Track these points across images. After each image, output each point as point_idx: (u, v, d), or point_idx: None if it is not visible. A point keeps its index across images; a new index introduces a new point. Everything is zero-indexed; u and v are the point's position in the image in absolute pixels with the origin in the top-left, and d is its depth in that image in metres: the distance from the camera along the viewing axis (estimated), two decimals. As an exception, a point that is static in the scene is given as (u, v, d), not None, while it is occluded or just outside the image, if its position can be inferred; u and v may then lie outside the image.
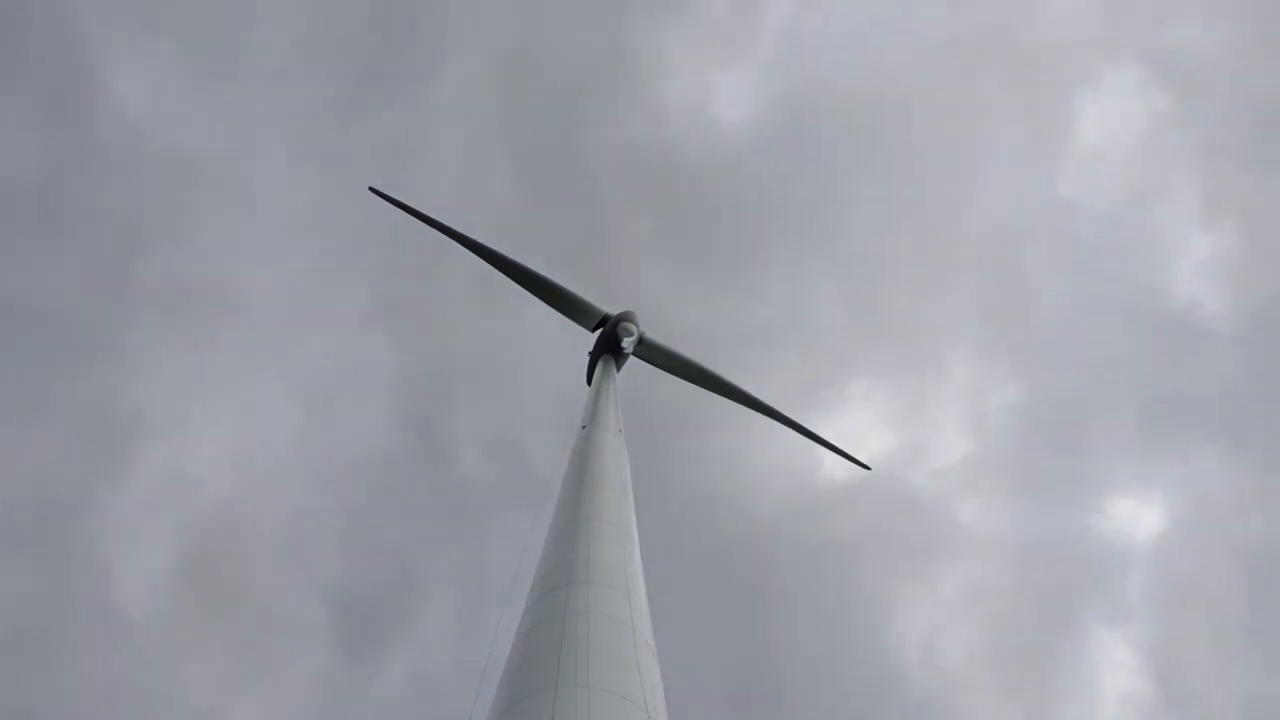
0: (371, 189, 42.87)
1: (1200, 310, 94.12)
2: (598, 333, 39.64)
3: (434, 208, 43.26)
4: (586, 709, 12.95)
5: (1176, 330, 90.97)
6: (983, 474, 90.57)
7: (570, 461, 25.24)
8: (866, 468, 44.56)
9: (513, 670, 14.73)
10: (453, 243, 42.37)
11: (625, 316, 39.60)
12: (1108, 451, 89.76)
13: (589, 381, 37.10)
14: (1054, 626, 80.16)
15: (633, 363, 39.79)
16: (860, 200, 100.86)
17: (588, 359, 39.09)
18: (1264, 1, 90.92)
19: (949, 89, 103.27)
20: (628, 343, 38.23)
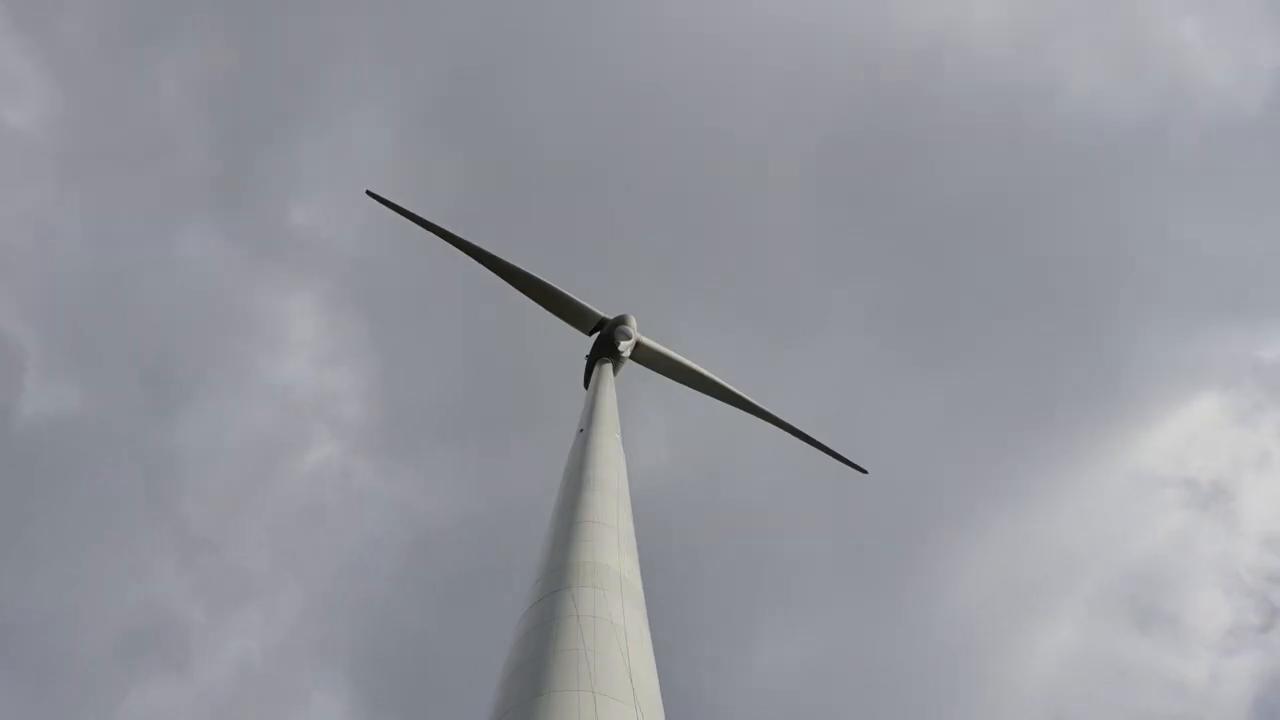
0: (369, 193, 42.75)
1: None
2: (594, 336, 39.65)
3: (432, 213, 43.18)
4: (584, 714, 12.92)
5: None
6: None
7: (568, 464, 25.19)
8: (864, 471, 44.56)
9: (510, 673, 14.62)
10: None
11: (622, 320, 39.60)
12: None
13: (586, 385, 37.09)
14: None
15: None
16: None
17: (585, 362, 39.11)
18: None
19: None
20: (625, 346, 38.20)
